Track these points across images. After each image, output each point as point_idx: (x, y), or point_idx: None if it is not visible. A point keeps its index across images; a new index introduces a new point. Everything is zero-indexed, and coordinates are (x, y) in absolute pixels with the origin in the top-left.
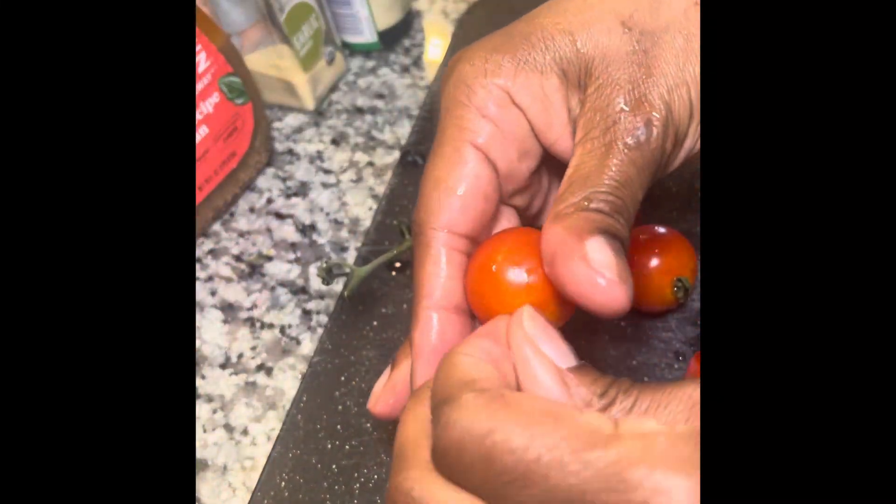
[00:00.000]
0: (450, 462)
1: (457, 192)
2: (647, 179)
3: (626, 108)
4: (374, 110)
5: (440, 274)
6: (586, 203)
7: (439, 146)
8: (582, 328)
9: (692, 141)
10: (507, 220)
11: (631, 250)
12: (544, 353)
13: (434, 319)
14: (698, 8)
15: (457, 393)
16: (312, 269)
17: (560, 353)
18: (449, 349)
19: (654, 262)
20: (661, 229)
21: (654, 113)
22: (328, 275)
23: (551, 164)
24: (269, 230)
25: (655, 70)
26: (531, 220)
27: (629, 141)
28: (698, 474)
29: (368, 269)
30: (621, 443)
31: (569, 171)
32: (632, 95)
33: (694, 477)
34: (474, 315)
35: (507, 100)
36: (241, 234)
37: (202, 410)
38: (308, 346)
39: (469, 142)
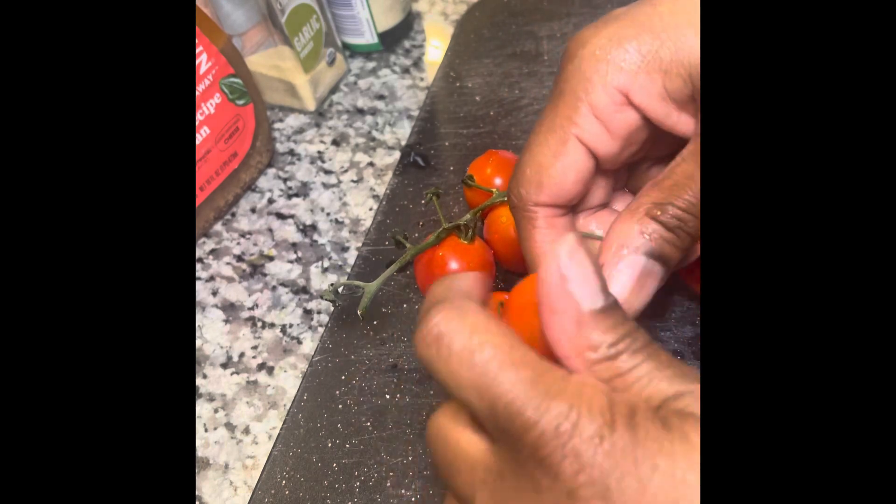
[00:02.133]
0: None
1: (557, 179)
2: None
3: None
4: (374, 111)
5: (548, 240)
6: (658, 212)
7: (548, 131)
8: None
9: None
10: (601, 187)
11: None
12: (570, 292)
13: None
14: None
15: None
16: (313, 269)
17: (588, 293)
18: None
19: None
20: None
21: None
22: (336, 296)
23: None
24: (270, 230)
25: None
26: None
27: None
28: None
29: (378, 283)
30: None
31: (664, 172)
32: None
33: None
34: None
35: (625, 102)
36: (243, 235)
37: (204, 409)
38: (309, 345)
39: (576, 136)
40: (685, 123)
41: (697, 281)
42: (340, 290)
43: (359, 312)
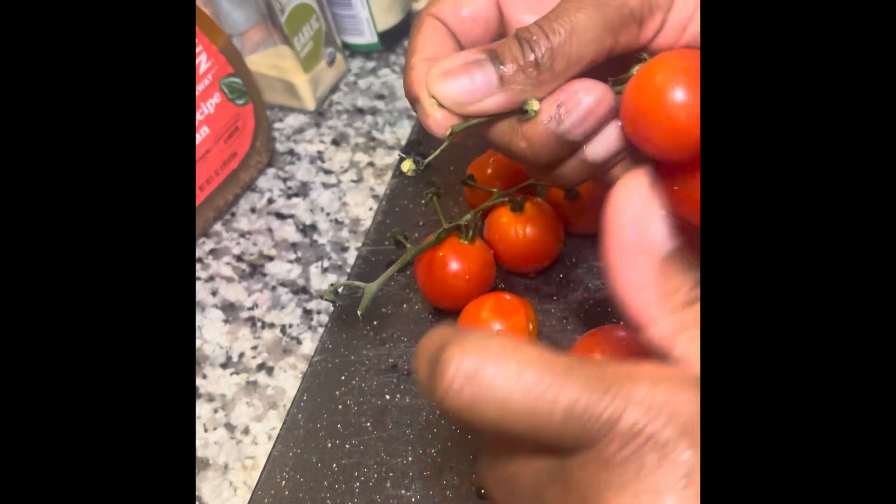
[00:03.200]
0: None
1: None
2: (602, 36)
3: None
4: (374, 111)
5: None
6: (525, 34)
7: None
8: (579, 328)
9: (679, 13)
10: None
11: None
12: (648, 236)
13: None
14: None
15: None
16: (313, 269)
17: (664, 235)
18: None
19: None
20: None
21: None
22: (336, 296)
23: None
24: (270, 230)
25: None
26: None
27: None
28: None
29: (378, 284)
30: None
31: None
32: None
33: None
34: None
35: None
36: (243, 234)
37: (203, 410)
38: (309, 345)
39: None
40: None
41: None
42: (340, 290)
43: (359, 313)
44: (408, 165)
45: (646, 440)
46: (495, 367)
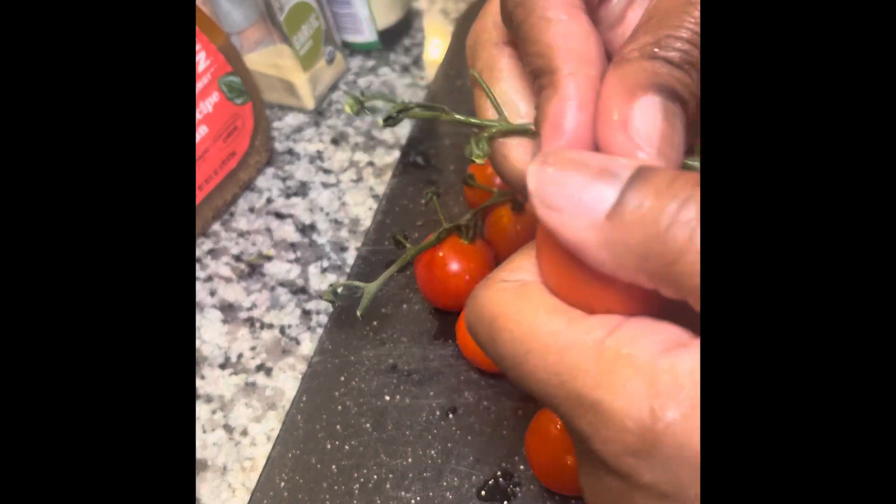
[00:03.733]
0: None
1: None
2: None
3: None
4: (374, 110)
5: (575, 33)
6: (656, 49)
7: None
8: None
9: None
10: None
11: None
12: (579, 203)
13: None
14: None
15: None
16: (312, 269)
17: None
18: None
19: None
20: None
21: None
22: (335, 296)
23: None
24: (268, 230)
25: None
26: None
27: None
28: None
29: (378, 284)
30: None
31: (643, 14)
32: None
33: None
34: None
35: None
36: (241, 234)
37: (202, 411)
38: (308, 346)
39: None
40: None
41: None
42: (340, 290)
43: (358, 313)
44: (349, 104)
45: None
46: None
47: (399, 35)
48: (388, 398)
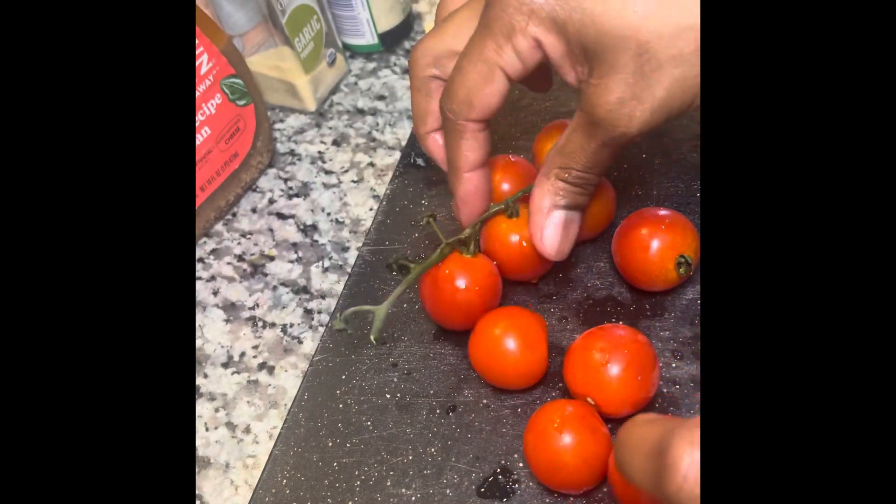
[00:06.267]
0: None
1: (486, 101)
2: (616, 158)
3: (615, 109)
4: (374, 111)
5: (472, 149)
6: (566, 175)
7: (478, 61)
8: (578, 328)
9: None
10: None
11: (634, 229)
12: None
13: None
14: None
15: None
16: (314, 269)
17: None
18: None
19: (657, 242)
20: (664, 211)
21: (632, 125)
22: (347, 323)
23: None
24: (270, 230)
25: (647, 92)
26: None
27: (607, 139)
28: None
29: (387, 305)
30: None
31: (559, 142)
32: (624, 100)
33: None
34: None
35: (537, 47)
36: (244, 234)
37: (204, 409)
38: (309, 345)
39: (501, 67)
40: (571, 76)
41: None
42: (347, 317)
43: (372, 338)
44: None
45: None
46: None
47: (400, 38)
48: (388, 396)
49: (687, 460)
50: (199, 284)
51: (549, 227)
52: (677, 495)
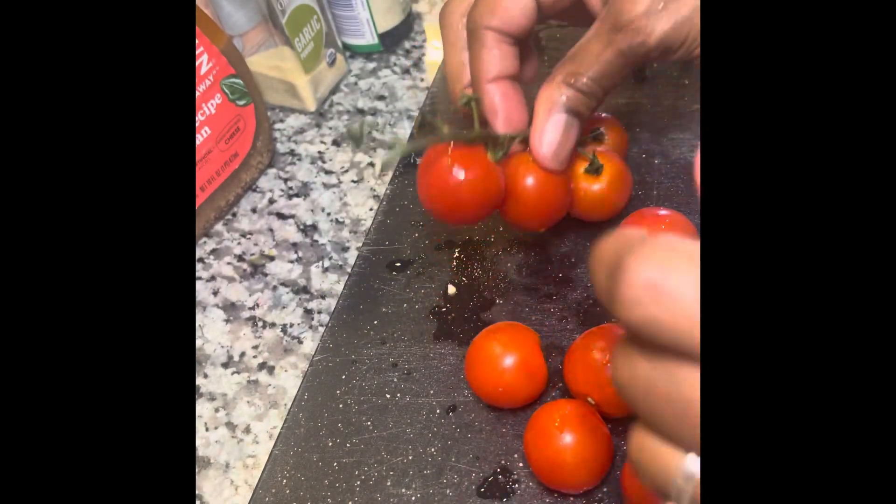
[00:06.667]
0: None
1: (507, 6)
2: (628, 71)
3: (640, 18)
4: (374, 111)
5: (494, 60)
6: (572, 80)
7: None
8: (578, 328)
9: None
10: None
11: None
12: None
13: (489, 88)
14: None
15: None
16: (314, 269)
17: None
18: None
19: None
20: (664, 211)
21: (653, 35)
22: (357, 138)
23: None
24: (271, 230)
25: (673, 5)
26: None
27: (625, 48)
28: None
29: (408, 145)
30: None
31: (575, 47)
32: (651, 12)
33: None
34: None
35: None
36: (244, 234)
37: (204, 409)
38: (309, 344)
39: None
40: (594, 2)
41: None
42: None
43: (378, 165)
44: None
45: None
46: (681, 278)
47: (400, 38)
48: (388, 396)
49: (636, 277)
50: (199, 284)
51: (549, 129)
52: (623, 313)
